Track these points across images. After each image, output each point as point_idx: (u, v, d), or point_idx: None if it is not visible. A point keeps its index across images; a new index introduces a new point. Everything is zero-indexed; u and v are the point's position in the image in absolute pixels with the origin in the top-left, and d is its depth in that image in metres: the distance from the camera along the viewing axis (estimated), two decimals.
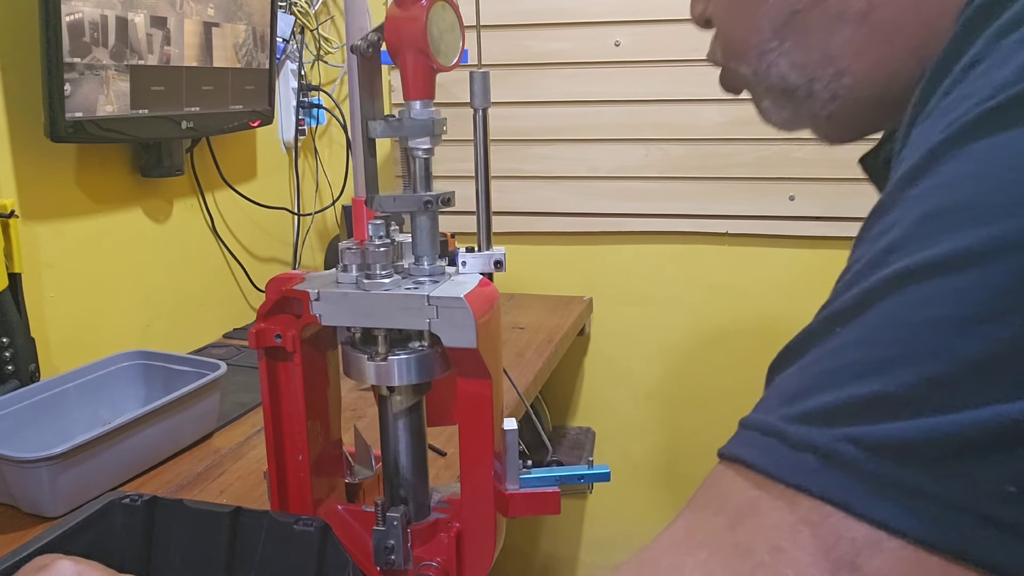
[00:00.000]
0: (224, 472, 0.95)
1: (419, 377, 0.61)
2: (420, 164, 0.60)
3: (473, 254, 0.63)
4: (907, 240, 0.32)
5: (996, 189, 0.30)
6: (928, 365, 0.30)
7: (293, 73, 1.66)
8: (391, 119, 0.60)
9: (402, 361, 0.60)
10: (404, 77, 0.58)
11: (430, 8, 0.56)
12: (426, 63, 0.57)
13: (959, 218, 0.31)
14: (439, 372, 0.62)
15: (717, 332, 1.71)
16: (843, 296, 0.34)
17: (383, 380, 0.61)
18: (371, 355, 0.60)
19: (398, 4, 0.57)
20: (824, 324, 0.35)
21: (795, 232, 1.62)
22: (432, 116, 0.59)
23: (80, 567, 0.50)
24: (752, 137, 1.59)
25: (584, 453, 1.72)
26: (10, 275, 1.02)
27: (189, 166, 1.41)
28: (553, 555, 1.93)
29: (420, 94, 0.59)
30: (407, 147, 0.60)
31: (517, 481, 0.61)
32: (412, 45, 0.57)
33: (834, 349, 0.34)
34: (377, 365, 0.60)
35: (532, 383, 1.28)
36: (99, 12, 1.08)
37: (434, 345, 0.61)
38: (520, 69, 1.67)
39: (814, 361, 0.34)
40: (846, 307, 0.34)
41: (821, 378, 0.33)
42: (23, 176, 1.09)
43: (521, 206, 1.73)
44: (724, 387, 1.71)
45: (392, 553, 0.62)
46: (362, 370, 0.61)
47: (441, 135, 0.60)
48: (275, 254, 1.72)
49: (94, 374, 1.00)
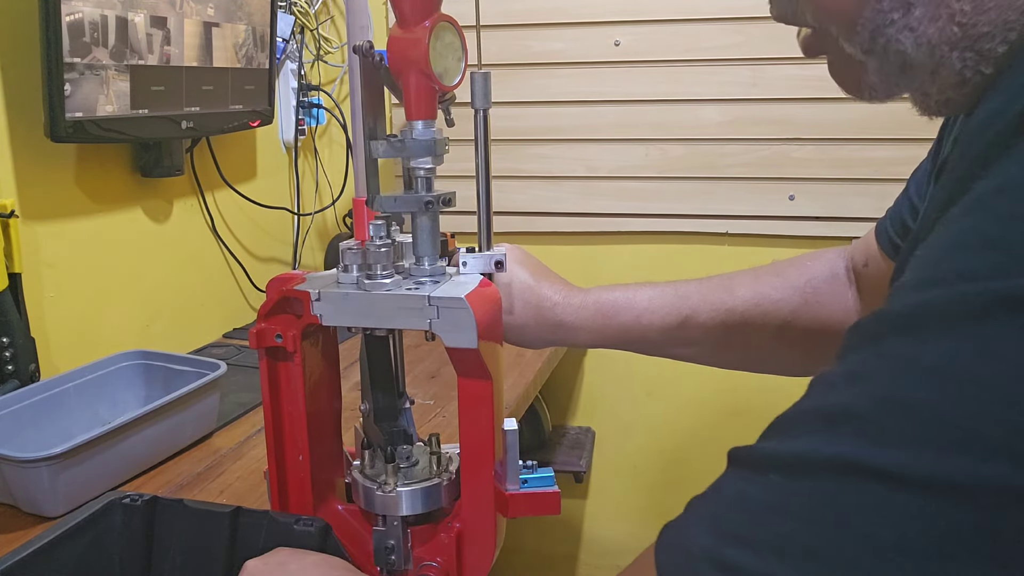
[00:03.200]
0: (224, 472, 0.95)
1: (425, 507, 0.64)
2: (422, 183, 0.60)
3: (474, 254, 0.63)
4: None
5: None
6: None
7: (293, 73, 1.66)
8: (393, 139, 0.60)
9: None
10: (407, 98, 0.58)
11: (432, 30, 0.56)
12: (428, 84, 0.57)
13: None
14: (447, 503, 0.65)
15: None
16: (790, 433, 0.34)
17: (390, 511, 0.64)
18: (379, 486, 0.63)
19: (401, 25, 0.57)
20: (773, 459, 0.35)
21: (795, 232, 1.61)
22: (434, 136, 0.59)
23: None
24: (752, 137, 1.59)
25: (584, 453, 1.72)
26: (10, 275, 1.02)
27: (189, 166, 1.41)
28: (553, 555, 1.93)
29: (422, 114, 0.59)
30: (409, 167, 0.60)
31: (517, 481, 0.61)
32: (414, 66, 0.57)
33: (769, 503, 0.33)
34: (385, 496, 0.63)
35: (532, 383, 1.28)
36: (99, 12, 1.08)
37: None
38: (520, 69, 1.67)
39: (753, 501, 0.34)
40: (784, 457, 0.34)
41: (749, 531, 0.33)
42: (23, 176, 1.09)
43: (521, 206, 1.73)
44: (724, 387, 1.71)
45: (392, 553, 0.62)
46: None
47: (443, 154, 0.60)
48: (275, 254, 1.72)
49: (94, 374, 1.00)
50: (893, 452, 0.29)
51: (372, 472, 0.65)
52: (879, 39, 0.41)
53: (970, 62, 0.38)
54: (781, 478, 0.33)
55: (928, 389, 0.29)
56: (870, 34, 0.41)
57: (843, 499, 0.30)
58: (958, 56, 0.39)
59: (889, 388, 0.31)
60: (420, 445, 0.68)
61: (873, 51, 0.42)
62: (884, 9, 0.40)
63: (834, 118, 1.51)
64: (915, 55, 0.40)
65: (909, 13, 0.39)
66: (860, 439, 0.30)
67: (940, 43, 0.39)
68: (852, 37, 0.42)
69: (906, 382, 0.30)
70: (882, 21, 0.40)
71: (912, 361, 0.30)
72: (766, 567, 0.32)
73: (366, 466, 0.66)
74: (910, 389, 0.30)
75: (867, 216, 0.41)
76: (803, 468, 0.32)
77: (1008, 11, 0.36)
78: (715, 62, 1.58)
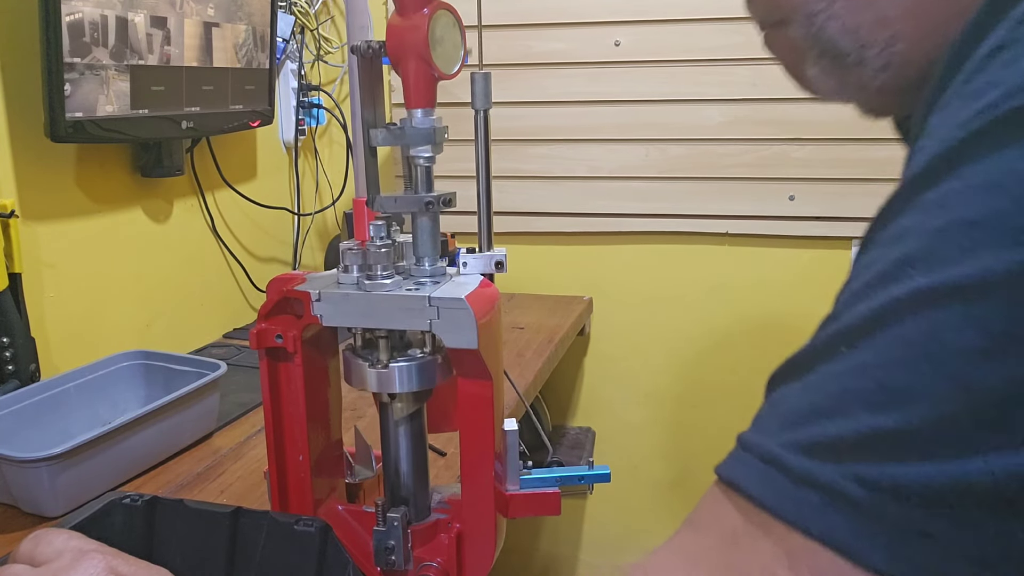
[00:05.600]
0: (224, 472, 0.95)
1: (420, 384, 0.61)
2: (422, 172, 0.60)
3: (474, 255, 0.63)
4: (926, 254, 0.29)
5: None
6: (949, 401, 0.27)
7: (293, 73, 1.66)
8: (392, 127, 0.60)
9: (403, 368, 0.60)
10: (406, 85, 0.58)
11: (432, 16, 0.56)
12: (427, 71, 0.57)
13: (988, 235, 0.28)
14: (440, 379, 0.62)
15: (717, 332, 1.71)
16: (852, 309, 0.32)
17: (384, 387, 0.61)
18: (372, 362, 0.60)
19: (400, 12, 0.57)
20: (831, 340, 0.32)
21: (795, 232, 1.62)
22: (434, 124, 0.59)
23: (113, 560, 0.48)
24: (752, 137, 1.59)
25: (584, 453, 1.72)
26: (10, 275, 1.02)
27: (189, 166, 1.41)
28: (553, 555, 1.93)
29: (422, 102, 0.59)
30: (409, 155, 0.60)
31: (517, 482, 0.61)
32: (414, 53, 0.57)
33: (842, 372, 0.31)
34: (379, 372, 0.60)
35: (532, 383, 1.28)
36: (99, 12, 1.08)
37: (436, 352, 0.61)
38: (520, 69, 1.67)
39: (820, 382, 0.32)
40: (856, 324, 0.31)
41: (827, 403, 0.31)
42: (23, 176, 1.09)
43: (521, 206, 1.73)
44: (724, 387, 1.72)
45: (392, 553, 0.62)
46: (363, 377, 0.61)
47: (443, 143, 0.60)
48: (275, 254, 1.72)
49: (94, 374, 1.00)
50: (965, 265, 0.28)
51: (364, 351, 0.63)
52: (812, 26, 0.42)
53: (898, 50, 0.40)
54: (850, 345, 0.31)
55: (986, 203, 0.28)
56: (805, 16, 0.42)
57: (925, 330, 0.28)
58: (884, 41, 0.40)
59: (948, 218, 0.29)
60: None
61: (810, 39, 0.43)
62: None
63: (834, 118, 1.52)
64: (843, 42, 0.41)
65: (833, 3, 0.41)
66: (923, 269, 0.29)
67: (860, 28, 0.40)
68: (793, 23, 0.44)
69: (960, 200, 0.29)
70: (811, 10, 0.42)
71: (966, 185, 0.29)
72: (858, 424, 0.29)
73: (358, 347, 0.64)
74: (970, 209, 0.29)
75: (867, 216, 0.41)
76: (874, 323, 0.30)
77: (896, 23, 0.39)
78: (715, 62, 1.58)
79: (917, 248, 0.30)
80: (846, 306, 0.32)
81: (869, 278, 0.32)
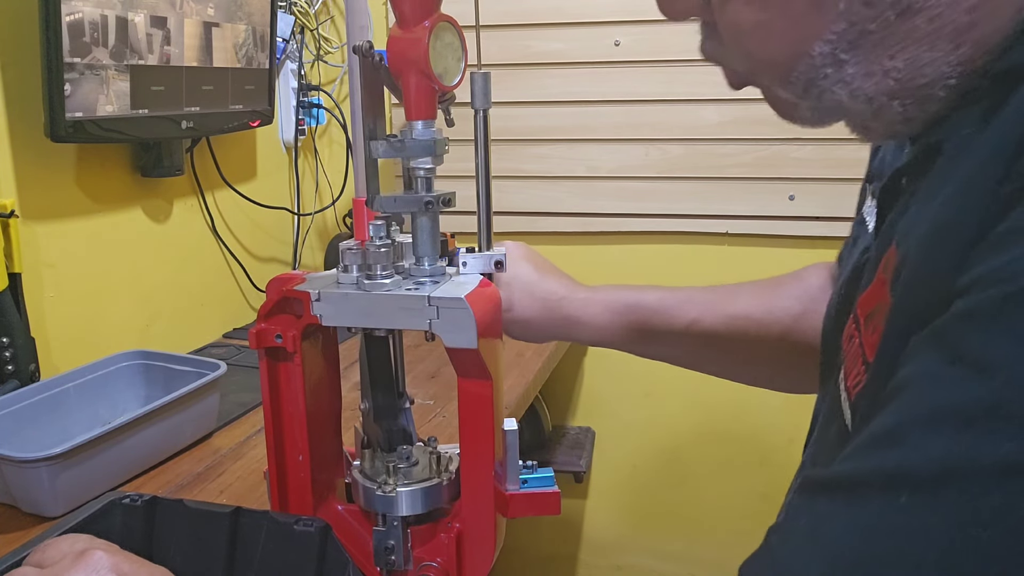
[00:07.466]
0: (224, 472, 0.95)
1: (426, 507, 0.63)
2: (422, 183, 0.60)
3: (474, 254, 0.63)
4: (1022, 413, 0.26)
5: None
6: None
7: (293, 73, 1.66)
8: (393, 139, 0.60)
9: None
10: (407, 98, 0.58)
11: (432, 30, 0.56)
12: (428, 84, 0.57)
13: None
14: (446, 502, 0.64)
15: None
16: (922, 447, 0.28)
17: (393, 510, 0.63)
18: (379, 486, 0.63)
19: (400, 25, 0.57)
20: (893, 477, 0.29)
21: (795, 232, 1.62)
22: (434, 136, 0.59)
23: (115, 558, 0.49)
24: (751, 137, 1.59)
25: (584, 453, 1.72)
26: (10, 275, 1.02)
27: (189, 166, 1.41)
28: (553, 555, 1.93)
29: (422, 115, 0.59)
30: (409, 167, 0.60)
31: (517, 482, 0.61)
32: (414, 67, 0.57)
33: (904, 526, 0.28)
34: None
35: (532, 383, 1.28)
36: (99, 12, 1.08)
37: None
38: (520, 69, 1.67)
39: (875, 523, 0.28)
40: (924, 470, 0.28)
41: (888, 557, 0.28)
42: (23, 176, 1.09)
43: (521, 206, 1.73)
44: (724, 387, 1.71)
45: (392, 553, 0.62)
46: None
47: (443, 154, 0.60)
48: (275, 254, 1.72)
49: (94, 374, 1.00)
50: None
51: (372, 472, 0.65)
52: (813, 90, 0.41)
53: (911, 107, 0.38)
54: (918, 497, 0.27)
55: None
56: (804, 85, 0.41)
57: (1014, 506, 0.25)
58: (899, 103, 0.39)
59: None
60: (420, 445, 0.69)
61: (807, 97, 0.41)
62: (817, 64, 0.39)
63: None
64: (851, 105, 0.40)
65: (842, 69, 0.39)
66: (1020, 435, 0.26)
67: (877, 94, 0.39)
68: (786, 86, 0.42)
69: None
70: (816, 75, 0.40)
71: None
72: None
73: (366, 466, 0.66)
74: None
75: None
76: (950, 480, 0.27)
77: (943, 66, 0.37)
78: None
79: (1013, 397, 0.26)
80: (908, 428, 0.29)
81: (944, 407, 0.28)
